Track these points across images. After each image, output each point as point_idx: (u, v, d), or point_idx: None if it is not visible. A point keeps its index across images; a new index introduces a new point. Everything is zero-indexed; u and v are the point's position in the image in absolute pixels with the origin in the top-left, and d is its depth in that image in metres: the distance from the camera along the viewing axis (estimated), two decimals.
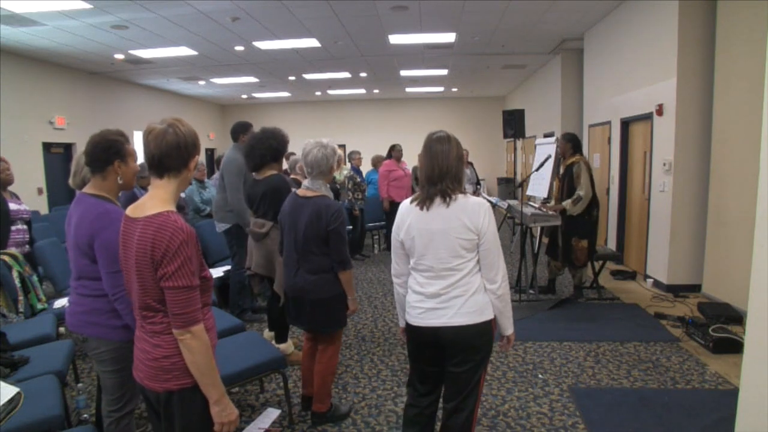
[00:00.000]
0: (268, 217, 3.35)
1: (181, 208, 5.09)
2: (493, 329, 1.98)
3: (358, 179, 7.06)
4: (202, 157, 14.28)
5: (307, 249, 2.57)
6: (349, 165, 7.48)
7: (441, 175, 1.91)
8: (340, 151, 6.35)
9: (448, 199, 1.90)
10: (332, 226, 2.51)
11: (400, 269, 2.08)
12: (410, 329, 2.04)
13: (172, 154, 1.47)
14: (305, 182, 2.68)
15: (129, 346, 1.88)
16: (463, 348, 1.94)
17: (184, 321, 1.42)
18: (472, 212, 1.88)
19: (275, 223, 3.25)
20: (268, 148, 3.31)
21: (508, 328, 2.04)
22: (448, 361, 1.99)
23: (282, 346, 3.61)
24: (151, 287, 1.44)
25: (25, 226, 4.33)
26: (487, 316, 1.93)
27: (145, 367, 1.51)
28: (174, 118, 1.52)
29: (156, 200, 1.47)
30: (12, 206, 4.16)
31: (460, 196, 1.91)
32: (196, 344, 1.43)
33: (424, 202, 1.93)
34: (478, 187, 8.09)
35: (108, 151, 1.96)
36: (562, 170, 4.93)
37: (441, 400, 2.11)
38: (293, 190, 2.92)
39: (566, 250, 4.83)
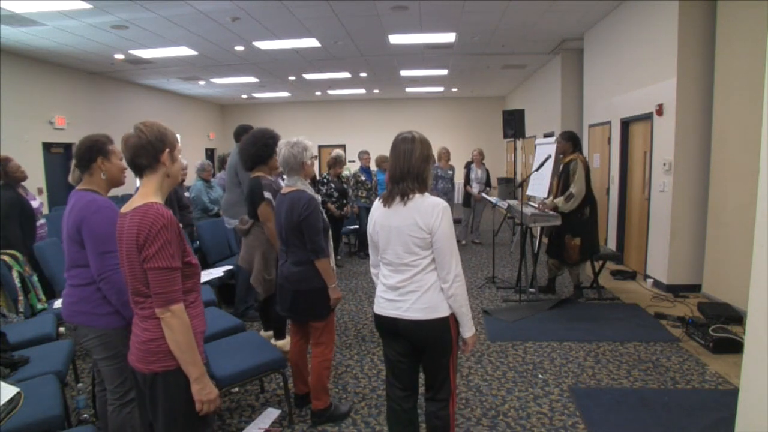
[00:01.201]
0: (249, 216, 3.57)
1: (185, 207, 5.12)
2: (451, 326, 2.01)
3: (362, 178, 7.06)
4: (203, 157, 14.33)
5: (290, 241, 2.69)
6: (358, 164, 7.49)
7: (402, 174, 1.99)
8: (342, 152, 6.31)
9: (405, 198, 1.97)
10: (302, 216, 2.60)
11: (374, 260, 2.20)
12: (375, 318, 2.14)
13: (139, 154, 1.62)
14: (285, 180, 2.81)
15: (117, 332, 2.08)
16: (420, 342, 2.02)
17: (165, 300, 1.53)
18: (425, 212, 1.94)
19: (256, 222, 3.48)
20: (248, 154, 3.45)
21: (465, 330, 2.03)
22: (417, 354, 2.08)
23: (280, 342, 3.63)
24: (139, 272, 1.57)
25: (44, 220, 4.69)
26: (441, 313, 1.98)
27: (136, 349, 1.63)
28: (143, 121, 1.66)
29: (141, 195, 1.63)
30: (33, 203, 4.38)
31: (417, 195, 1.97)
32: (176, 323, 1.54)
33: (387, 199, 2.03)
34: (488, 189, 7.98)
35: (91, 150, 2.17)
36: (560, 168, 4.94)
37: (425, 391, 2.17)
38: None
39: (558, 247, 4.84)
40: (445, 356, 2.04)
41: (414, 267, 1.98)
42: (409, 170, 1.97)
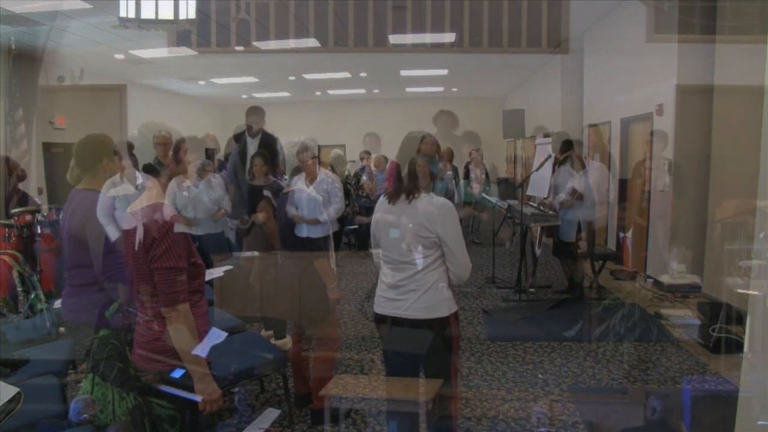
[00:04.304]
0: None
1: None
2: (453, 325, 2.02)
3: (364, 177, 7.07)
4: (203, 157, 14.30)
5: (287, 241, 2.74)
6: (360, 164, 7.49)
7: (409, 172, 2.00)
8: (341, 152, 6.31)
9: (411, 196, 1.97)
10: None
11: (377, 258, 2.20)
12: (374, 317, 2.14)
13: (141, 157, 1.79)
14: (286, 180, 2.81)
15: (120, 334, 2.01)
16: (420, 341, 2.00)
17: (171, 299, 1.57)
18: (431, 212, 1.95)
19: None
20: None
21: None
22: (417, 354, 2.07)
23: (279, 342, 3.63)
24: (144, 271, 1.61)
25: None
26: (441, 313, 1.97)
27: (140, 348, 1.67)
28: (145, 123, 1.75)
29: (148, 197, 1.72)
30: None
31: (423, 194, 1.98)
32: (181, 322, 1.57)
33: (392, 197, 2.03)
34: (488, 188, 8.00)
35: (95, 151, 2.18)
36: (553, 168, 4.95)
37: None
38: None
39: (560, 246, 4.81)
40: (446, 355, 2.03)
41: (416, 265, 1.97)
42: (416, 169, 1.98)
